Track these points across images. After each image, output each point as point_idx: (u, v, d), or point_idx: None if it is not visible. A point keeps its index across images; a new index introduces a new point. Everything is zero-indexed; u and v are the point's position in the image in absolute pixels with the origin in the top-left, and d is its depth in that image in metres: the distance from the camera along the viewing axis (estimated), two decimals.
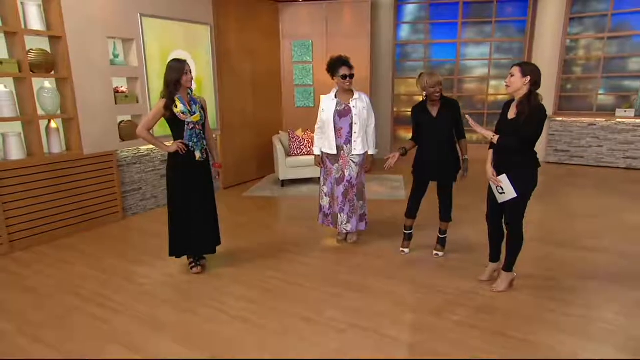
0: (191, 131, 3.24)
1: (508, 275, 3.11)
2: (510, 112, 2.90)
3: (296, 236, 4.34)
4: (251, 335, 2.64)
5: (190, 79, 3.22)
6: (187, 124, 3.22)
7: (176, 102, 3.18)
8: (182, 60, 3.22)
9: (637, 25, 7.21)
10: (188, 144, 3.25)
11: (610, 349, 2.46)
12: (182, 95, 3.21)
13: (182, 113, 3.19)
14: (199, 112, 3.26)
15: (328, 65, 3.82)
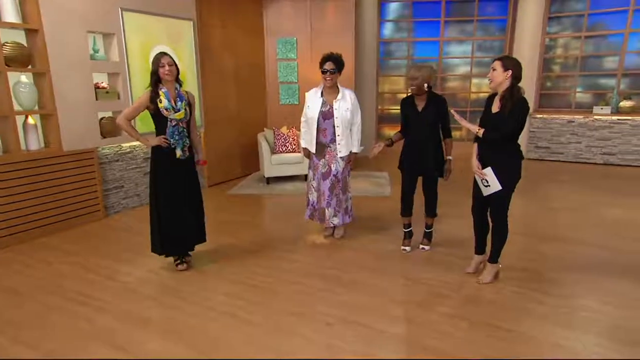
0: (173, 128, 3.17)
1: (493, 267, 3.16)
2: (494, 105, 2.93)
3: (283, 233, 4.31)
4: (238, 331, 2.61)
5: (170, 72, 3.09)
6: (170, 120, 3.15)
7: (161, 97, 3.10)
8: (162, 53, 3.15)
9: (612, 25, 7.41)
10: (170, 140, 3.18)
11: (592, 337, 2.51)
12: (168, 89, 3.14)
13: (166, 109, 3.12)
14: (183, 110, 3.17)
15: (320, 61, 3.79)
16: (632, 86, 7.45)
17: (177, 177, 3.27)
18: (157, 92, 3.10)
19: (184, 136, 3.24)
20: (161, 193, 3.27)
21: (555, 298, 2.94)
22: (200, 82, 5.81)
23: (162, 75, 3.10)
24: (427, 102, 3.45)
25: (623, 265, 3.44)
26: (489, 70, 2.91)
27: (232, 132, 6.60)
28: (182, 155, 3.24)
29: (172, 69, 3.10)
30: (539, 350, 2.39)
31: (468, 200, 3.30)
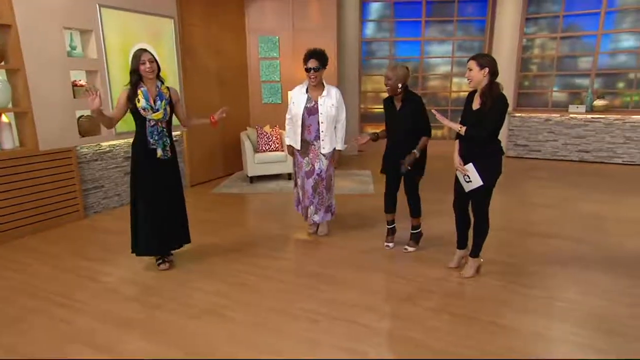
0: (152, 128, 3.10)
1: (475, 262, 3.20)
2: (474, 102, 2.98)
3: (267, 231, 4.29)
4: (222, 329, 2.58)
5: (151, 69, 3.03)
6: (149, 120, 3.08)
7: (139, 97, 3.03)
8: (142, 49, 3.09)
9: (585, 26, 7.62)
10: (149, 140, 3.12)
11: (569, 326, 2.58)
12: (148, 88, 3.07)
13: (143, 109, 3.05)
14: (162, 110, 3.09)
15: (303, 57, 3.78)
16: (605, 86, 7.67)
17: (158, 177, 3.21)
18: (136, 91, 3.04)
19: (164, 136, 3.17)
20: (141, 193, 3.20)
21: (535, 290, 3.00)
22: (181, 81, 5.73)
23: (143, 73, 3.03)
24: (403, 102, 3.46)
25: (598, 258, 3.54)
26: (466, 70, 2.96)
27: (214, 132, 6.50)
28: (164, 155, 3.18)
29: (153, 65, 3.05)
30: (520, 341, 2.43)
31: (448, 197, 3.35)
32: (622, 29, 7.38)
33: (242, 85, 7.08)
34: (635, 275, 3.22)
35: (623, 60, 7.51)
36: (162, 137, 3.16)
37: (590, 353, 2.32)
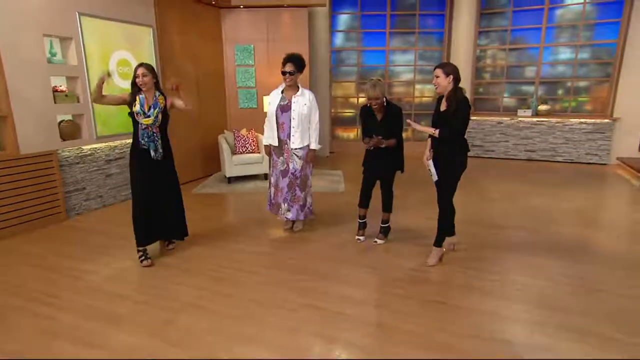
0: (143, 131, 3.23)
1: (438, 251, 3.29)
2: (442, 105, 3.11)
3: (245, 228, 4.25)
4: (204, 320, 2.54)
5: (144, 82, 3.19)
6: (140, 124, 3.22)
7: (136, 102, 3.19)
8: (140, 64, 3.26)
9: (530, 39, 7.95)
10: (140, 141, 3.23)
11: (521, 305, 2.69)
12: (147, 96, 3.24)
13: (137, 113, 3.20)
14: (153, 117, 3.21)
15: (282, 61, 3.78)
16: (547, 92, 8.03)
17: (153, 175, 3.32)
18: (134, 98, 3.20)
19: (155, 139, 3.26)
20: (136, 185, 3.31)
21: (492, 275, 3.12)
22: (161, 87, 5.58)
23: (140, 85, 3.22)
24: (385, 113, 3.49)
25: (546, 244, 3.71)
26: (432, 77, 3.07)
27: (194, 135, 6.42)
28: (156, 156, 3.28)
29: (145, 79, 3.21)
30: (480, 319, 2.52)
31: (414, 193, 3.43)
32: (560, 42, 7.75)
33: (220, 91, 6.99)
34: (573, 258, 3.40)
35: (562, 70, 7.88)
36: (153, 140, 3.25)
37: (538, 328, 2.43)
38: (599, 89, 7.66)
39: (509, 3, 7.88)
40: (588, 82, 7.75)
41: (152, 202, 3.33)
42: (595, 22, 7.44)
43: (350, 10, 8.43)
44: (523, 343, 2.32)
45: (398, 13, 8.34)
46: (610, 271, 3.19)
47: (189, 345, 2.30)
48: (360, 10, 8.37)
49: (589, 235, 3.97)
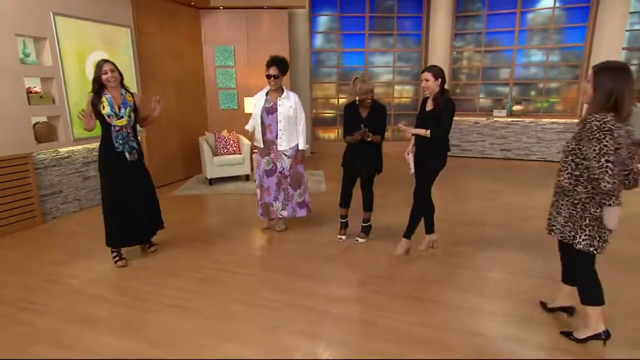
0: (117, 133, 3.11)
1: (406, 242, 3.42)
2: (428, 105, 3.22)
3: (227, 229, 4.25)
4: (188, 321, 2.55)
5: (112, 79, 3.06)
6: (113, 126, 3.09)
7: (104, 103, 3.04)
8: (104, 60, 3.12)
9: (504, 42, 8.20)
10: (115, 145, 3.13)
11: (498, 299, 2.80)
12: (113, 95, 3.09)
13: (108, 116, 3.07)
14: (126, 117, 3.10)
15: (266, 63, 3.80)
16: (521, 93, 8.30)
17: (127, 176, 3.23)
18: (100, 98, 3.05)
19: (130, 140, 3.18)
20: (111, 193, 3.22)
21: (467, 270, 3.22)
22: (139, 88, 5.52)
23: (105, 81, 3.07)
24: (370, 110, 3.55)
25: (519, 240, 3.85)
26: (422, 81, 3.15)
27: (174, 136, 6.35)
28: (131, 157, 3.20)
29: (114, 75, 3.08)
30: (457, 313, 2.61)
31: (395, 193, 3.50)
32: (532, 45, 8.03)
33: (200, 92, 6.93)
34: (544, 253, 3.54)
35: (534, 72, 8.17)
36: (128, 141, 3.16)
37: (511, 320, 2.53)
38: (568, 90, 7.97)
39: (484, 6, 8.11)
40: (558, 84, 8.05)
41: (127, 203, 3.25)
42: (564, 26, 7.74)
43: (329, 12, 8.50)
44: (497, 335, 2.42)
45: (376, 15, 8.46)
46: None
47: (171, 345, 2.30)
48: (339, 11, 8.45)
49: None
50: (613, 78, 1.96)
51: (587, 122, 1.99)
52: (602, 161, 1.93)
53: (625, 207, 1.93)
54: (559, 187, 2.22)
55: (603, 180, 1.93)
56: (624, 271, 3.20)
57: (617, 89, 1.94)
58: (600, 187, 1.97)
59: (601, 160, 1.93)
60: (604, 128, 1.92)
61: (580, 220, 2.13)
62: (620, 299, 2.76)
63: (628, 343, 2.31)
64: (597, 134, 1.94)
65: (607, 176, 1.92)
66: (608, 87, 1.95)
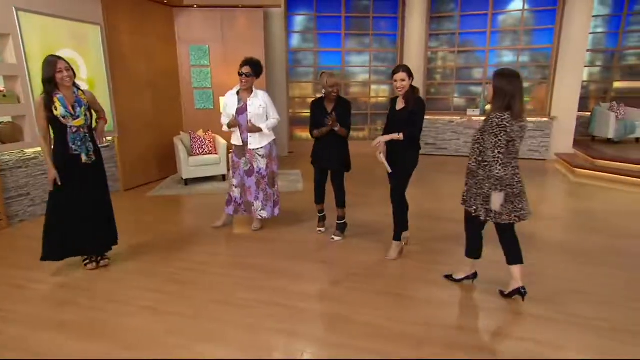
0: (74, 135, 2.92)
1: (397, 245, 3.45)
2: (398, 104, 3.27)
3: (203, 229, 4.20)
4: (161, 322, 2.52)
5: (68, 77, 2.87)
6: (70, 127, 2.89)
7: (56, 104, 2.83)
8: (56, 57, 2.89)
9: (477, 42, 8.42)
10: (71, 147, 2.93)
11: (473, 293, 2.88)
12: (65, 95, 2.88)
13: (63, 117, 2.86)
14: (83, 116, 2.92)
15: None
16: None
17: (82, 182, 3.04)
18: (52, 99, 2.83)
19: (87, 141, 3.00)
20: (62, 200, 3.00)
21: (443, 267, 3.28)
22: (111, 87, 5.40)
23: (60, 81, 2.85)
24: (335, 105, 3.63)
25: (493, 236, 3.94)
26: (397, 81, 3.14)
27: (148, 137, 6.23)
28: (88, 159, 3.02)
29: (70, 73, 2.88)
30: (433, 309, 2.67)
31: (373, 191, 3.56)
32: (503, 46, 8.28)
33: (175, 92, 6.83)
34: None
35: None
36: (85, 142, 2.99)
37: (486, 314, 2.62)
38: (538, 89, 8.25)
39: (457, 8, 8.30)
40: (529, 84, 8.32)
41: (74, 210, 3.03)
42: (533, 28, 8.01)
43: (305, 12, 8.51)
44: (472, 328, 2.49)
45: (352, 15, 8.53)
46: (548, 256, 3.48)
47: (145, 347, 2.27)
48: (315, 11, 8.48)
49: (531, 225, 4.28)
50: (508, 83, 2.39)
51: (490, 118, 2.43)
52: (495, 152, 2.39)
53: (590, 202, 2.04)
54: (469, 169, 2.65)
55: (495, 167, 2.41)
56: (587, 263, 3.35)
57: (510, 92, 2.36)
58: (493, 173, 2.42)
59: (495, 152, 2.39)
60: (501, 125, 2.36)
61: (480, 196, 2.57)
62: (584, 290, 2.90)
63: (594, 332, 2.42)
64: (495, 129, 2.37)
65: (497, 165, 2.40)
66: (503, 90, 2.38)
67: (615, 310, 2.62)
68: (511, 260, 2.71)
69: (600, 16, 8.69)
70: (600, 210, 4.80)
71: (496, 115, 2.39)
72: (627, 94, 8.82)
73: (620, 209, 4.78)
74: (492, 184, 2.47)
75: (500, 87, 2.40)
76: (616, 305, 2.69)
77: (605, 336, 2.36)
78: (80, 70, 4.91)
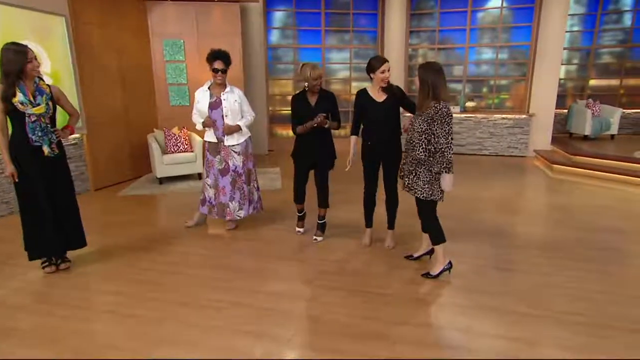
0: (33, 124, 2.74)
1: (392, 233, 3.54)
2: (377, 97, 3.23)
3: (175, 229, 4.04)
4: (121, 326, 2.37)
5: (38, 66, 2.75)
6: (28, 116, 2.71)
7: (15, 91, 2.67)
8: (22, 45, 2.70)
9: (457, 39, 8.43)
10: (31, 137, 2.76)
11: (447, 290, 2.82)
12: (26, 84, 2.72)
13: (21, 104, 2.69)
14: (44, 104, 2.76)
15: (207, 57, 3.66)
16: (473, 90, 8.57)
17: (45, 177, 2.86)
18: (14, 91, 2.67)
19: (49, 132, 2.82)
20: (28, 196, 2.84)
21: (417, 263, 3.23)
22: (78, 81, 5.17)
23: (31, 71, 2.70)
24: (319, 98, 3.45)
25: (469, 231, 3.92)
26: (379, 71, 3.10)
27: (120, 134, 6.02)
28: (51, 152, 2.84)
29: (37, 62, 2.76)
30: (406, 306, 2.59)
31: (351, 187, 3.47)
32: (483, 43, 8.31)
33: (148, 87, 6.61)
34: (493, 242, 3.63)
35: (485, 69, 8.46)
36: (47, 133, 2.81)
37: (460, 310, 2.55)
38: (517, 87, 8.31)
39: (436, 5, 8.29)
40: (508, 81, 8.38)
41: (47, 208, 2.89)
42: (511, 25, 8.06)
43: (285, 7, 8.39)
44: (446, 326, 2.42)
45: (332, 11, 8.44)
46: (525, 252, 3.45)
47: (99, 353, 2.12)
48: (295, 7, 8.36)
49: (508, 221, 4.27)
50: (431, 74, 2.63)
51: (438, 109, 2.61)
52: (449, 139, 2.63)
53: (567, 198, 1.99)
54: (415, 159, 2.76)
55: (448, 152, 2.64)
56: (562, 257, 3.33)
57: (433, 82, 2.60)
58: (446, 158, 2.65)
59: (448, 138, 2.62)
60: (450, 114, 2.63)
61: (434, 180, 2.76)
62: (559, 284, 2.87)
63: (570, 327, 2.38)
64: (447, 118, 2.61)
65: (450, 149, 2.64)
66: (428, 81, 2.62)
67: (591, 304, 2.59)
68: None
69: (576, 15, 8.82)
70: (576, 206, 4.82)
71: (443, 105, 2.61)
72: (602, 91, 8.98)
73: (595, 204, 4.81)
74: (443, 167, 2.68)
75: (424, 78, 2.64)
76: (592, 299, 2.66)
77: (581, 332, 2.32)
78: (43, 63, 4.68)
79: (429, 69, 2.67)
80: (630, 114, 8.82)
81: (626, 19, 8.68)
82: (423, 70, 2.67)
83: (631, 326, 2.37)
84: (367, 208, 3.52)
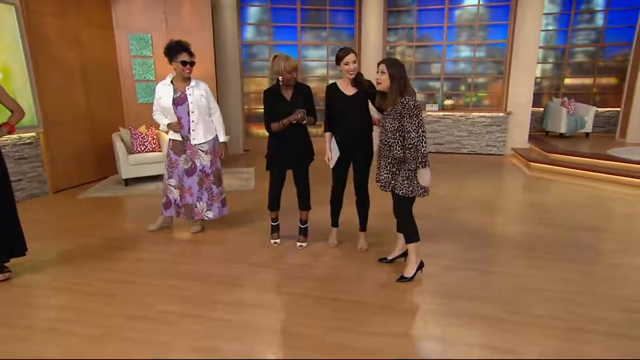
0: None
1: (365, 235, 3.37)
2: (346, 90, 3.08)
3: (138, 233, 3.76)
4: (57, 346, 2.09)
5: None
6: None
7: None
8: None
9: (435, 37, 8.34)
10: None
11: (420, 295, 2.63)
12: None
13: None
14: None
15: (166, 49, 3.41)
16: (451, 88, 8.50)
17: None
18: None
19: None
20: None
21: (391, 266, 3.04)
22: (32, 76, 4.80)
23: None
24: (294, 92, 3.14)
25: (447, 231, 3.77)
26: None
27: (81, 133, 5.65)
28: None
29: None
30: (374, 315, 2.39)
31: (320, 188, 3.28)
32: (460, 41, 8.24)
33: (114, 84, 6.25)
34: (471, 243, 3.48)
35: (463, 67, 8.39)
36: None
37: (432, 317, 2.37)
38: (494, 85, 8.28)
39: (414, 2, 8.18)
40: (485, 79, 8.34)
41: None
42: (488, 24, 8.01)
43: (259, 3, 8.13)
44: (417, 335, 2.24)
45: (308, 7, 8.24)
46: (504, 252, 3.31)
47: None
48: (270, 2, 8.11)
49: (486, 220, 4.14)
50: (401, 70, 2.60)
51: (404, 103, 2.52)
52: (420, 132, 2.52)
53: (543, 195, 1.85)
54: (394, 158, 2.66)
55: (421, 146, 2.52)
56: (539, 258, 3.20)
57: (402, 77, 2.58)
58: (420, 152, 2.53)
59: (419, 131, 2.52)
60: (418, 106, 2.54)
61: (413, 177, 2.64)
62: (537, 287, 2.73)
63: (550, 332, 2.23)
64: (415, 111, 2.52)
65: (423, 142, 2.53)
66: (398, 76, 2.57)
67: (570, 307, 2.45)
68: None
69: (551, 14, 8.86)
70: (552, 203, 4.75)
71: (408, 99, 2.53)
72: (576, 89, 9.05)
73: (571, 202, 4.74)
74: (418, 162, 2.56)
75: (395, 73, 2.57)
76: (570, 301, 2.53)
77: (560, 337, 2.17)
78: None
79: (398, 65, 2.62)
80: (603, 112, 8.91)
81: (598, 19, 8.77)
82: (394, 67, 2.60)
83: (609, 329, 2.23)
84: (334, 207, 3.33)
